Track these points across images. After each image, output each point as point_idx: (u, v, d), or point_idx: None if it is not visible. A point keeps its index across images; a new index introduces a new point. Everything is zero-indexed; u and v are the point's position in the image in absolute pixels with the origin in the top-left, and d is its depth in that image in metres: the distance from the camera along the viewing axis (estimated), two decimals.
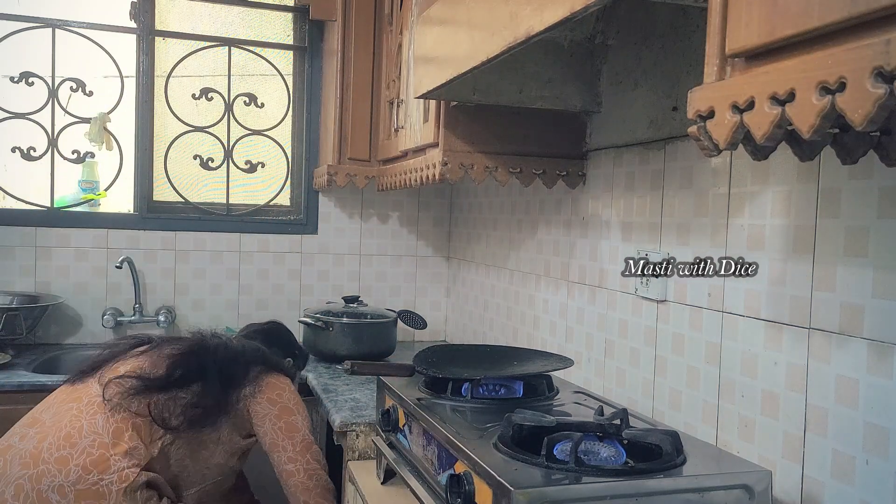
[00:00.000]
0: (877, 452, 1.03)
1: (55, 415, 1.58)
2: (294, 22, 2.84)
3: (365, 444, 1.73)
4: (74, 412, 1.57)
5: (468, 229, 2.72)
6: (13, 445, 1.52)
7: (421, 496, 1.25)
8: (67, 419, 1.55)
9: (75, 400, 1.61)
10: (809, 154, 0.89)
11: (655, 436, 1.16)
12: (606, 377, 1.74)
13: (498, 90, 1.68)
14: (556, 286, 2.00)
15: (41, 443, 1.50)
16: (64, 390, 1.68)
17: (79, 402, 1.59)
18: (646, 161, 1.61)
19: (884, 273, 1.03)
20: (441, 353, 1.65)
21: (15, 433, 1.58)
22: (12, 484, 1.46)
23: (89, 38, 2.61)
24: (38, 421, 1.58)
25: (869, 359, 1.05)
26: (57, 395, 1.67)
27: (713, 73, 0.75)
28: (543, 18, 1.03)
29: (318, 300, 2.80)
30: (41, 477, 1.46)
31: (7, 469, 1.48)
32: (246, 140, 2.79)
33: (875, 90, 0.55)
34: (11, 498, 1.45)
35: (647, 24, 1.58)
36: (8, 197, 2.58)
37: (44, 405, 1.65)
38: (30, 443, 1.52)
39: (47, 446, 1.50)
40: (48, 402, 1.65)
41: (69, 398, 1.63)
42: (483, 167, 1.81)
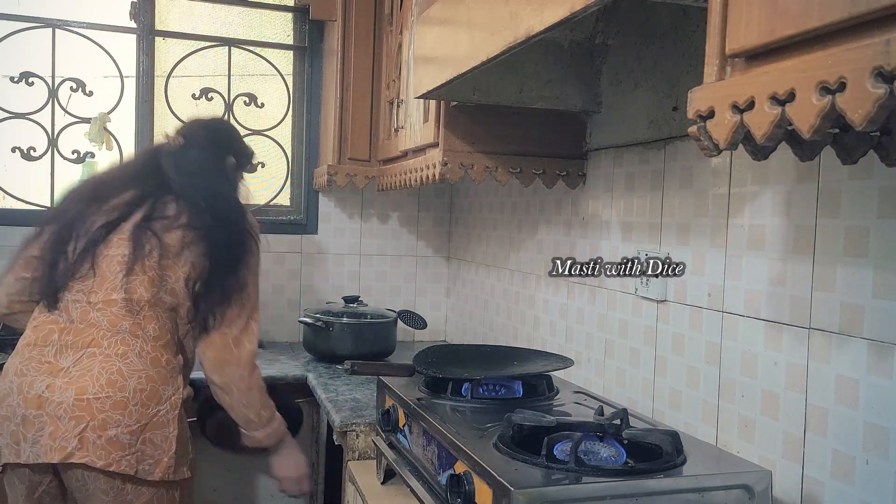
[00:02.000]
0: (877, 452, 1.03)
1: (77, 361, 1.53)
2: (294, 22, 2.84)
3: (365, 444, 1.73)
4: (101, 358, 1.54)
5: (468, 229, 2.72)
6: (47, 398, 1.49)
7: (421, 496, 1.25)
8: (98, 365, 1.53)
9: (92, 344, 1.55)
10: (809, 154, 0.89)
11: (655, 436, 1.16)
12: (606, 377, 1.74)
13: (498, 90, 1.68)
14: (556, 286, 2.00)
15: (83, 394, 1.49)
16: (54, 323, 1.59)
17: (97, 347, 1.55)
18: (646, 161, 1.61)
19: (884, 273, 1.03)
20: (441, 353, 1.65)
21: (34, 384, 1.50)
22: (75, 437, 1.46)
23: (89, 38, 2.61)
24: (59, 368, 1.52)
25: (869, 359, 1.05)
26: (52, 331, 1.57)
27: (713, 73, 0.75)
28: (543, 18, 1.03)
29: (318, 300, 2.80)
30: (106, 424, 1.48)
31: (58, 424, 1.47)
32: (246, 140, 2.78)
33: (875, 90, 0.55)
34: (78, 451, 1.46)
35: (647, 24, 1.58)
36: (8, 197, 2.58)
37: (43, 344, 1.56)
38: (68, 394, 1.49)
39: (94, 396, 1.49)
40: (48, 341, 1.56)
41: (78, 339, 1.56)
42: (483, 167, 1.81)
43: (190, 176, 1.72)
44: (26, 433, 1.48)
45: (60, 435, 1.46)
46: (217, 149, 1.84)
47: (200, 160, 1.78)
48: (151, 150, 1.84)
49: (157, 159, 1.75)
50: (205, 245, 1.65)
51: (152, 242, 1.62)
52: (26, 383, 1.51)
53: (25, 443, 1.48)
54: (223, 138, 1.91)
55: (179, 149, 1.78)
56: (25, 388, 1.50)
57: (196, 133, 1.83)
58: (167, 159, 1.74)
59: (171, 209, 1.67)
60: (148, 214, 1.65)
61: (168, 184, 1.70)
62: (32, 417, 1.48)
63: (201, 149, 1.80)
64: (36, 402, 1.49)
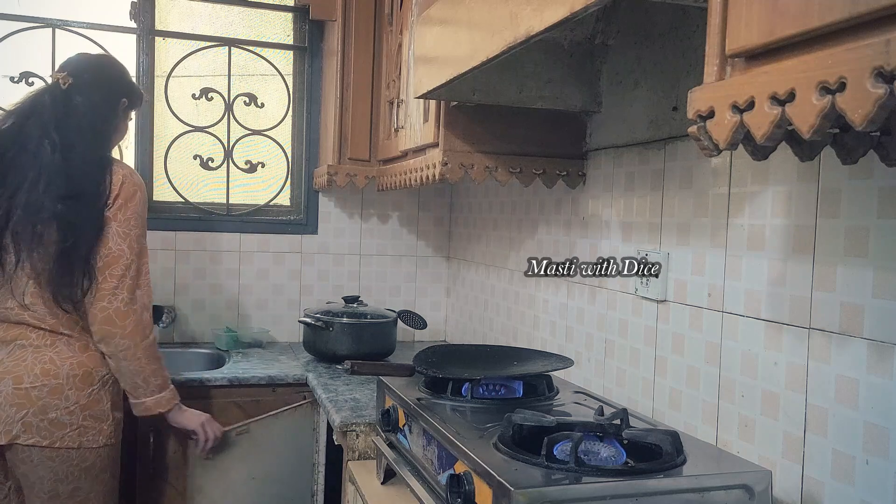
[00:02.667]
0: (877, 452, 1.03)
1: (10, 354, 1.69)
2: (294, 22, 2.84)
3: (365, 444, 1.73)
4: (31, 350, 1.69)
5: (468, 229, 2.72)
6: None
7: (421, 496, 1.25)
8: (30, 357, 1.68)
9: (19, 338, 1.69)
10: (809, 154, 0.89)
11: (655, 436, 1.16)
12: (606, 377, 1.74)
13: (498, 90, 1.68)
14: (556, 286, 2.00)
15: (20, 383, 1.65)
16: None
17: (23, 340, 1.69)
18: (646, 161, 1.61)
19: (884, 273, 1.03)
20: (441, 353, 1.65)
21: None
22: (18, 422, 1.64)
23: (89, 38, 2.61)
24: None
25: (869, 359, 1.05)
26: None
27: (713, 73, 0.75)
28: (543, 18, 1.03)
29: (318, 300, 2.80)
30: (46, 409, 1.66)
31: (4, 412, 1.64)
32: (246, 140, 2.79)
33: (875, 90, 0.55)
34: (24, 434, 1.64)
35: (647, 24, 1.58)
36: None
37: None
38: (5, 385, 1.65)
39: (30, 384, 1.66)
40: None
41: (6, 335, 1.70)
42: (483, 167, 1.81)
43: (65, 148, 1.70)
44: None
45: (4, 420, 1.64)
46: (110, 92, 1.83)
47: (86, 116, 1.75)
48: (20, 116, 1.77)
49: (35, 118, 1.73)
50: (57, 230, 1.67)
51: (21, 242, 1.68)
52: None
53: None
54: (115, 78, 1.88)
55: (64, 97, 1.74)
56: None
57: (86, 72, 1.80)
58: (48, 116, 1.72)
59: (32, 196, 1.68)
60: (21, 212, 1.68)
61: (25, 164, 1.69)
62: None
63: (92, 94, 1.78)
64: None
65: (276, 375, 2.21)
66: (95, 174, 1.72)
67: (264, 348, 2.63)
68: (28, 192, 1.66)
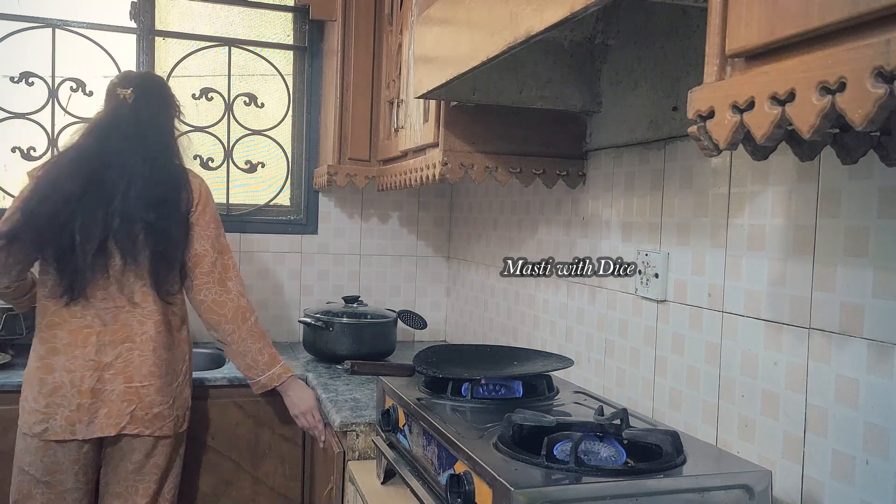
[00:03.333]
0: (877, 452, 1.03)
1: (118, 356, 1.83)
2: (294, 22, 2.84)
3: (365, 444, 1.73)
4: (137, 353, 1.84)
5: (468, 229, 2.72)
6: (100, 389, 1.81)
7: (421, 496, 1.25)
8: (137, 359, 1.85)
9: (126, 340, 1.84)
10: (809, 154, 0.89)
11: (655, 436, 1.16)
12: (606, 377, 1.74)
13: (498, 90, 1.68)
14: (556, 286, 2.00)
15: (131, 382, 1.83)
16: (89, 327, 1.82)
17: (130, 343, 1.84)
18: (646, 161, 1.61)
19: (884, 273, 1.03)
20: (441, 353, 1.65)
21: (85, 378, 1.79)
22: (126, 415, 1.83)
23: (89, 38, 2.61)
24: (104, 364, 1.82)
25: (869, 359, 1.05)
26: (90, 334, 1.82)
27: (713, 73, 0.75)
28: (543, 18, 1.03)
29: (318, 300, 2.80)
30: (152, 405, 1.85)
31: (116, 407, 1.81)
32: (246, 140, 2.79)
33: (875, 90, 0.55)
34: (130, 425, 1.83)
35: (647, 24, 1.58)
36: (8, 197, 2.58)
37: (83, 345, 1.81)
38: (117, 384, 1.82)
39: (139, 384, 1.84)
40: (86, 341, 1.81)
41: (115, 336, 1.83)
42: (483, 167, 1.81)
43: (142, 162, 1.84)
44: (81, 416, 1.80)
45: (115, 414, 1.82)
46: (167, 106, 1.98)
47: (154, 129, 1.91)
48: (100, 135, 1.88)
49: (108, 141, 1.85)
50: (150, 236, 1.82)
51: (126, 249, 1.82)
52: (77, 378, 1.80)
53: (81, 424, 1.80)
54: (168, 93, 2.02)
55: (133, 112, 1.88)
56: (77, 382, 1.79)
57: (146, 87, 1.94)
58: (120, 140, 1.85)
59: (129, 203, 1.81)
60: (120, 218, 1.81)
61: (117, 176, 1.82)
62: (87, 405, 1.80)
63: (154, 107, 1.93)
64: (90, 393, 1.80)
65: None
66: (177, 182, 1.89)
67: None
68: (122, 202, 1.80)
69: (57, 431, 1.79)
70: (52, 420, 1.79)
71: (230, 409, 2.15)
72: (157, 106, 1.94)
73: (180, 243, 1.87)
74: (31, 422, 1.81)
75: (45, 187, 1.80)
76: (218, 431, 2.15)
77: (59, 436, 1.80)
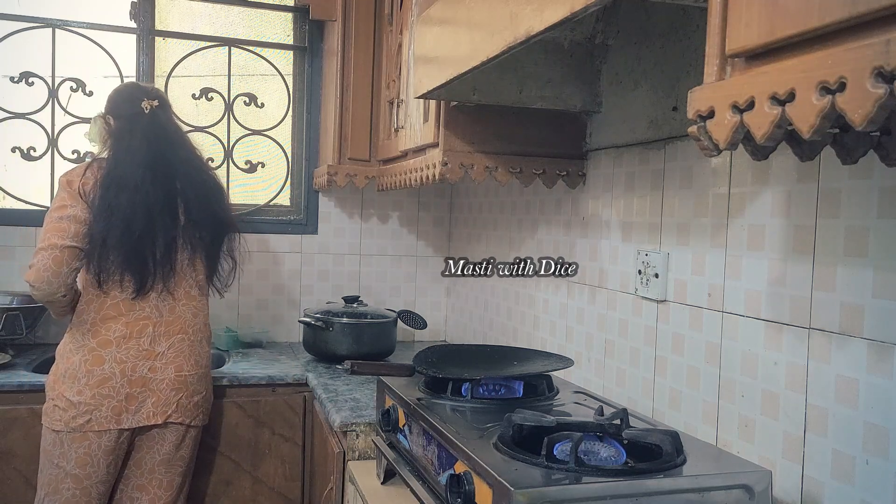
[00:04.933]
0: (877, 452, 1.03)
1: (171, 345, 1.93)
2: (294, 22, 2.84)
3: (365, 444, 1.73)
4: (187, 343, 1.96)
5: (468, 229, 2.72)
6: (150, 377, 1.90)
7: (421, 496, 1.25)
8: (187, 349, 1.95)
9: (181, 331, 1.95)
10: (809, 154, 0.89)
11: (655, 436, 1.16)
12: (606, 377, 1.74)
13: (498, 90, 1.68)
14: (556, 286, 2.00)
15: (180, 371, 1.93)
16: (147, 319, 1.91)
17: (183, 334, 1.95)
18: (646, 161, 1.61)
19: (884, 273, 1.03)
20: (441, 353, 1.65)
21: (137, 367, 1.87)
22: (174, 403, 1.92)
23: (89, 38, 2.61)
24: (157, 353, 1.91)
25: (869, 359, 1.05)
26: (146, 325, 1.91)
27: (713, 73, 0.75)
28: (543, 18, 1.03)
29: (318, 300, 2.80)
30: (194, 394, 1.96)
31: (164, 395, 1.90)
32: (246, 140, 2.79)
33: (875, 90, 0.55)
34: (175, 413, 1.92)
35: (647, 24, 1.58)
36: (8, 197, 2.58)
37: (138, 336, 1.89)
38: (168, 372, 1.91)
39: (188, 372, 1.95)
40: (143, 332, 1.90)
41: (170, 327, 1.94)
42: (483, 167, 1.81)
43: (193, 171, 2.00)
44: (129, 406, 1.87)
45: (164, 402, 1.91)
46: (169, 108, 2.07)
47: (175, 129, 2.03)
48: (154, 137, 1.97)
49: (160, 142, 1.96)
50: (209, 232, 1.99)
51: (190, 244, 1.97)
52: (129, 368, 1.87)
53: (127, 413, 1.86)
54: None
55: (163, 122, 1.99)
56: (129, 372, 1.87)
57: (163, 102, 2.02)
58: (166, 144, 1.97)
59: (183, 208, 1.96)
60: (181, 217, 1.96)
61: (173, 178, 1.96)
62: (136, 394, 1.87)
63: (166, 111, 2.02)
64: (140, 382, 1.88)
65: (275, 375, 2.21)
66: (218, 183, 2.08)
67: (264, 348, 2.63)
68: (187, 201, 1.94)
69: (101, 422, 1.84)
70: (97, 411, 1.83)
71: (230, 409, 2.16)
72: (172, 114, 2.06)
73: (222, 240, 2.04)
74: (68, 417, 1.82)
75: (113, 194, 1.85)
76: (218, 431, 2.15)
77: (102, 426, 1.84)
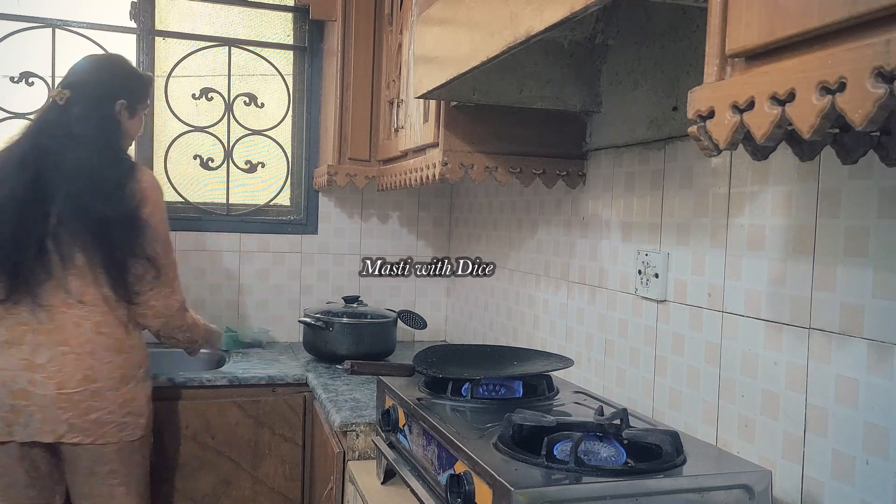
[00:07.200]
0: (877, 452, 1.03)
1: (51, 359, 1.77)
2: (294, 22, 2.84)
3: (365, 444, 1.73)
4: (71, 357, 1.77)
5: (468, 229, 2.72)
6: (31, 391, 1.75)
7: (421, 496, 1.25)
8: (72, 364, 1.77)
9: (61, 343, 1.77)
10: (809, 154, 0.89)
11: (655, 436, 1.16)
12: (606, 377, 1.74)
13: (498, 90, 1.68)
14: (556, 286, 2.00)
15: (62, 389, 1.76)
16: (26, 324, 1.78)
17: (65, 346, 1.77)
18: (646, 161, 1.61)
19: (884, 273, 1.03)
20: (441, 353, 1.65)
21: (17, 378, 1.75)
22: (64, 423, 1.76)
23: (89, 38, 2.61)
24: (36, 365, 1.76)
25: (869, 359, 1.05)
26: (25, 332, 1.78)
27: (713, 73, 0.75)
28: (543, 18, 1.03)
29: (318, 300, 2.80)
30: (89, 411, 1.78)
31: (51, 413, 1.75)
32: (246, 140, 2.79)
33: (875, 90, 0.55)
34: (68, 433, 1.76)
35: (647, 24, 1.58)
36: None
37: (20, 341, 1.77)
38: (49, 389, 1.75)
39: (72, 390, 1.76)
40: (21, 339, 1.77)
41: (49, 337, 1.77)
42: (483, 167, 1.81)
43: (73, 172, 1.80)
44: (17, 418, 1.75)
45: (51, 420, 1.75)
46: (104, 97, 1.91)
47: (84, 126, 1.85)
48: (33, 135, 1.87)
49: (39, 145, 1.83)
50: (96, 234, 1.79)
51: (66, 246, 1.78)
52: (9, 377, 1.74)
53: (17, 426, 1.75)
54: (108, 81, 1.95)
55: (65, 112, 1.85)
56: (9, 382, 1.74)
57: (83, 83, 1.91)
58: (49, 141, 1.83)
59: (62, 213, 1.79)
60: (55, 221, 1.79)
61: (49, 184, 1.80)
62: (22, 406, 1.74)
63: (86, 105, 1.87)
64: (22, 395, 1.74)
65: (275, 375, 2.21)
66: (118, 179, 1.84)
67: (264, 348, 2.63)
68: (61, 202, 1.78)
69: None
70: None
71: (230, 409, 2.16)
72: (92, 100, 1.88)
73: (130, 242, 1.82)
74: None
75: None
76: (218, 431, 2.15)
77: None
